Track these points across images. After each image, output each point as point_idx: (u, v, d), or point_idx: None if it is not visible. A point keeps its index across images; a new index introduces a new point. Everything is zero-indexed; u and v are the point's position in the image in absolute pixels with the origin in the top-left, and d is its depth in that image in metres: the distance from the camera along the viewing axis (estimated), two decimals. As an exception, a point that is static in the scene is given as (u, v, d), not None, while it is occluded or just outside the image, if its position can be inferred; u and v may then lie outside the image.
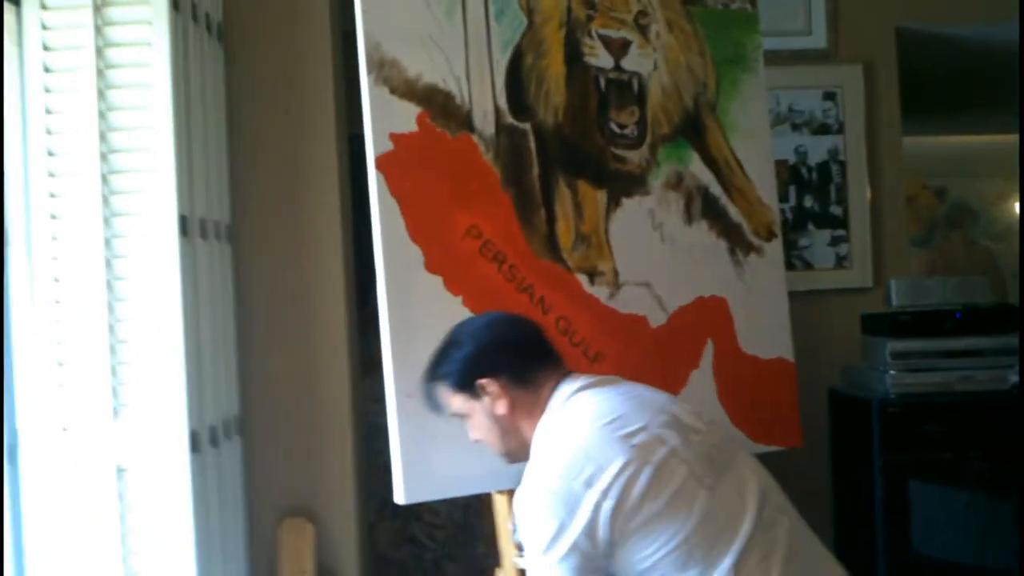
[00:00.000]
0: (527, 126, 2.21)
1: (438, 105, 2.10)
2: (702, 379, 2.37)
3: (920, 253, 7.43)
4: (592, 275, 2.25)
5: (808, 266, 3.41)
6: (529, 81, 2.23)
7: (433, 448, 1.98)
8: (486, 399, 1.79)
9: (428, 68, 2.10)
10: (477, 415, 1.81)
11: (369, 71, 2.03)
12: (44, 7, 2.34)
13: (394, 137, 2.04)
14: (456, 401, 1.83)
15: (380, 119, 2.03)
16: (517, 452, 1.80)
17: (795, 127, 3.40)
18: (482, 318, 1.97)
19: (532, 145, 2.21)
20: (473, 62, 2.16)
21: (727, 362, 2.41)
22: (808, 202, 3.40)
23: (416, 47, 2.09)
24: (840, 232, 3.41)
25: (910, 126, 6.06)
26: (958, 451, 2.82)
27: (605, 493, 1.56)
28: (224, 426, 2.50)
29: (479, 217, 2.12)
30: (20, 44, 2.35)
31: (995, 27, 3.51)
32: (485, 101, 2.16)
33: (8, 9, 2.36)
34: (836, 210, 3.41)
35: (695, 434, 1.69)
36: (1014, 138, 6.88)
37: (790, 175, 3.40)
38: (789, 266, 3.34)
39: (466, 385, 1.79)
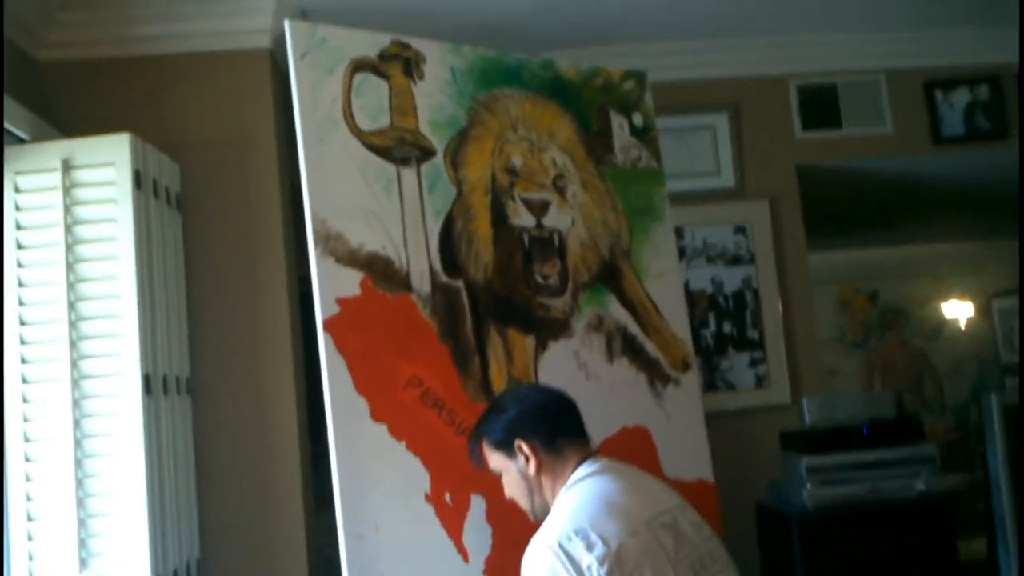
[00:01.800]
0: (460, 283, 2.47)
1: (379, 270, 2.35)
2: (629, 504, 2.57)
3: (858, 355, 7.80)
4: (524, 414, 2.47)
5: (731, 387, 3.67)
6: (460, 243, 2.49)
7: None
8: (520, 458, 2.00)
9: (369, 238, 2.36)
10: (511, 472, 2.04)
11: (316, 245, 2.28)
12: (17, 190, 2.58)
13: (340, 301, 2.28)
14: (494, 458, 2.06)
15: (327, 285, 2.27)
16: (540, 511, 2.01)
17: (710, 259, 3.71)
18: (527, 388, 2.29)
19: (465, 300, 2.46)
20: (409, 230, 2.42)
21: (652, 487, 2.62)
22: (727, 327, 3.69)
23: (358, 220, 2.35)
24: (758, 354, 3.69)
25: (836, 242, 6.49)
26: (874, 556, 3.03)
27: (600, 560, 1.75)
28: (187, 569, 2.66)
29: (419, 368, 2.35)
30: (-7, 222, 2.58)
31: (884, 160, 3.90)
32: (421, 264, 2.42)
33: (-17, 191, 2.60)
34: (753, 334, 3.69)
35: (687, 543, 1.89)
36: (933, 247, 7.34)
37: (708, 303, 3.69)
38: (713, 387, 3.64)
39: (504, 444, 2.02)
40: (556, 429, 2.03)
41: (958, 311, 7.74)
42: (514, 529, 2.09)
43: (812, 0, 3.46)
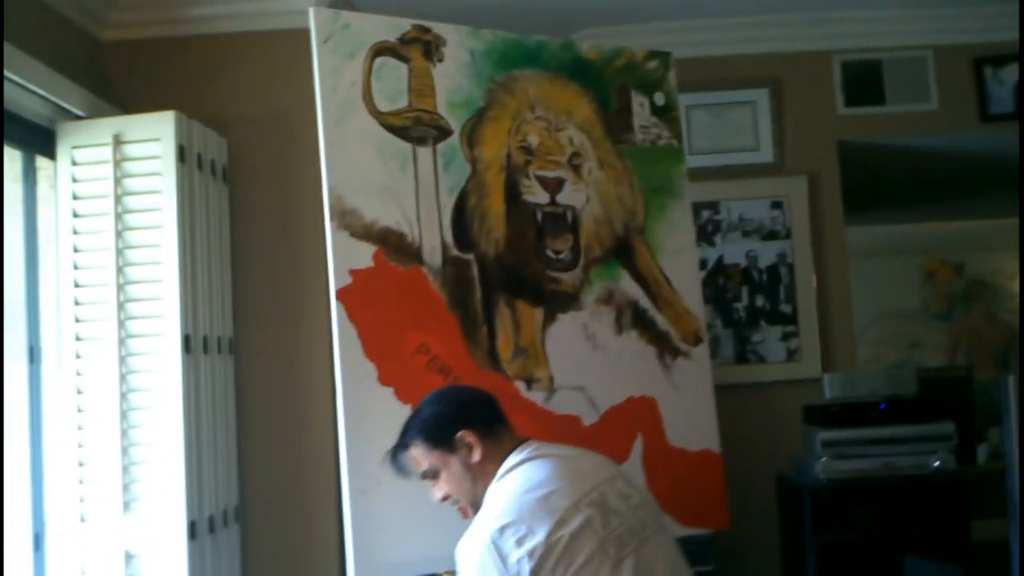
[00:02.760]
0: (471, 257, 2.61)
1: (392, 244, 2.51)
2: (632, 470, 2.67)
3: (943, 327, 7.68)
4: (529, 382, 2.62)
5: (761, 360, 3.74)
6: (473, 219, 2.63)
7: (384, 538, 2.34)
8: (463, 451, 2.03)
9: (383, 213, 2.51)
10: (451, 467, 2.04)
11: (332, 219, 2.45)
12: (74, 163, 2.81)
13: (353, 272, 2.45)
14: (431, 458, 2.06)
15: (341, 258, 2.44)
16: (482, 500, 2.02)
17: (745, 234, 3.77)
18: (445, 389, 2.28)
19: (475, 272, 2.61)
20: (423, 206, 2.57)
21: (656, 454, 2.74)
22: (760, 301, 3.75)
23: (373, 196, 2.51)
24: (790, 328, 3.74)
25: (912, 214, 6.41)
26: (885, 532, 3.10)
27: (530, 554, 1.84)
28: (223, 515, 2.89)
29: (428, 336, 2.51)
30: (55, 192, 2.82)
31: (924, 137, 3.89)
32: (433, 238, 2.57)
33: (47, 163, 2.84)
34: (786, 308, 3.75)
35: (616, 516, 1.97)
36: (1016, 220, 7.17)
37: (742, 277, 3.76)
38: (743, 360, 3.72)
39: (442, 440, 2.04)
40: (491, 416, 2.10)
41: (1048, 285, 7.52)
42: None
43: (857, -25, 3.47)
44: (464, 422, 2.05)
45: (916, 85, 3.83)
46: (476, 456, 2.03)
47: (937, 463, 3.13)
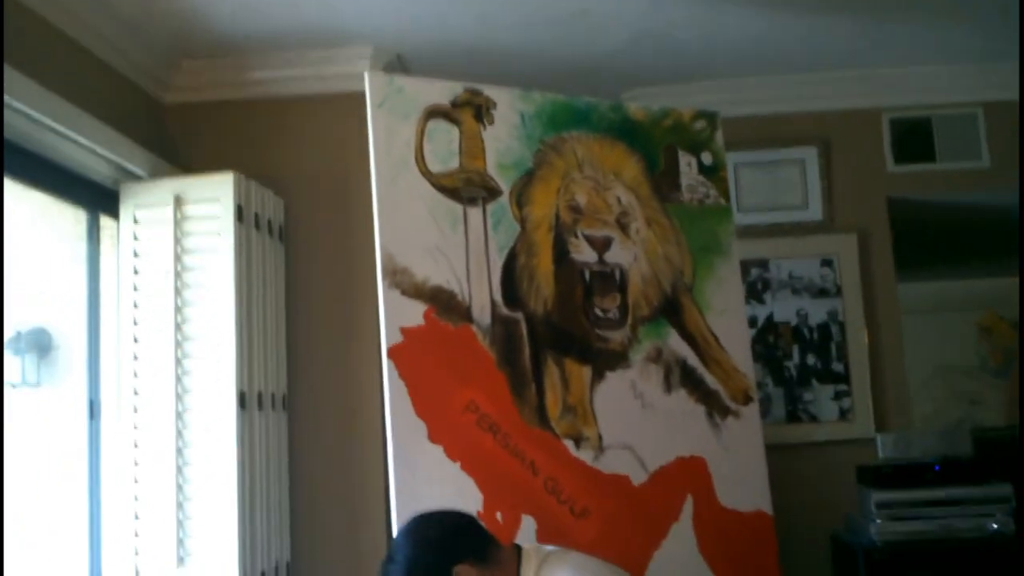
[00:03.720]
0: (519, 315, 2.64)
1: (442, 302, 2.55)
2: (682, 531, 2.68)
3: (1001, 384, 7.54)
4: (578, 440, 2.63)
5: (813, 419, 3.70)
6: (522, 277, 2.67)
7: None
8: None
9: (434, 272, 2.56)
10: None
11: (384, 278, 2.50)
12: (136, 222, 2.90)
13: (404, 330, 2.49)
14: None
15: (392, 316, 2.48)
16: None
17: (795, 291, 3.76)
18: (414, 523, 2.02)
19: (524, 331, 2.63)
20: (473, 265, 2.61)
21: (706, 515, 2.72)
22: (811, 359, 3.73)
23: (424, 256, 2.56)
24: (842, 387, 3.71)
25: (967, 270, 6.35)
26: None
27: None
28: (275, 570, 2.91)
29: (477, 394, 2.53)
30: (117, 250, 2.91)
31: (975, 194, 3.87)
32: (483, 296, 2.60)
33: (110, 222, 2.94)
34: (837, 366, 3.72)
35: None
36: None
37: (792, 336, 3.74)
38: (795, 419, 3.68)
39: None
40: (482, 539, 1.98)
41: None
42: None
43: (905, 34, 3.47)
44: (456, 557, 1.90)
45: (966, 142, 3.82)
46: None
47: (995, 526, 3.07)
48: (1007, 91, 3.80)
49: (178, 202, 2.89)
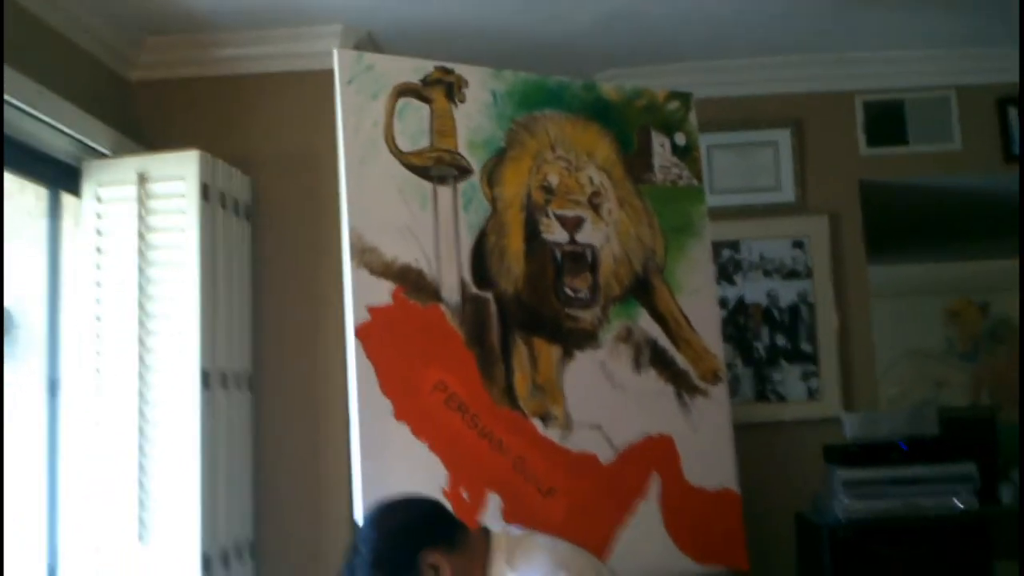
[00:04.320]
0: (489, 295, 2.62)
1: (411, 282, 2.53)
2: (649, 508, 2.69)
3: (967, 368, 7.62)
4: (546, 419, 2.62)
5: (782, 399, 3.72)
6: (492, 257, 2.65)
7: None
8: (430, 573, 1.87)
9: (403, 251, 2.54)
10: None
11: (352, 257, 2.47)
12: (99, 200, 2.86)
13: (371, 309, 2.47)
14: None
15: (360, 295, 2.46)
16: None
17: (767, 273, 3.76)
18: (376, 512, 2.00)
19: (493, 310, 2.62)
20: (443, 244, 2.59)
21: (673, 493, 2.73)
22: (780, 340, 3.74)
23: (393, 235, 2.53)
24: (811, 367, 3.72)
25: (939, 254, 6.38)
26: (906, 573, 3.06)
27: None
28: (237, 548, 2.89)
29: (445, 373, 2.52)
30: (79, 229, 2.87)
31: (946, 177, 3.89)
32: (452, 276, 2.58)
33: (73, 200, 2.89)
34: (807, 347, 3.73)
35: None
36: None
37: (763, 316, 3.75)
38: (764, 399, 3.70)
39: (407, 569, 1.87)
40: (449, 524, 1.98)
41: (1079, 329, 7.45)
42: (528, 527, 2.22)
43: (879, 18, 3.47)
44: (425, 544, 1.89)
45: (939, 125, 3.83)
46: (446, 575, 1.88)
47: (959, 504, 3.10)
48: (980, 75, 3.83)
49: (142, 180, 2.85)
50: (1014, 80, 3.81)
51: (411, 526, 1.93)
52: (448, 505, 2.10)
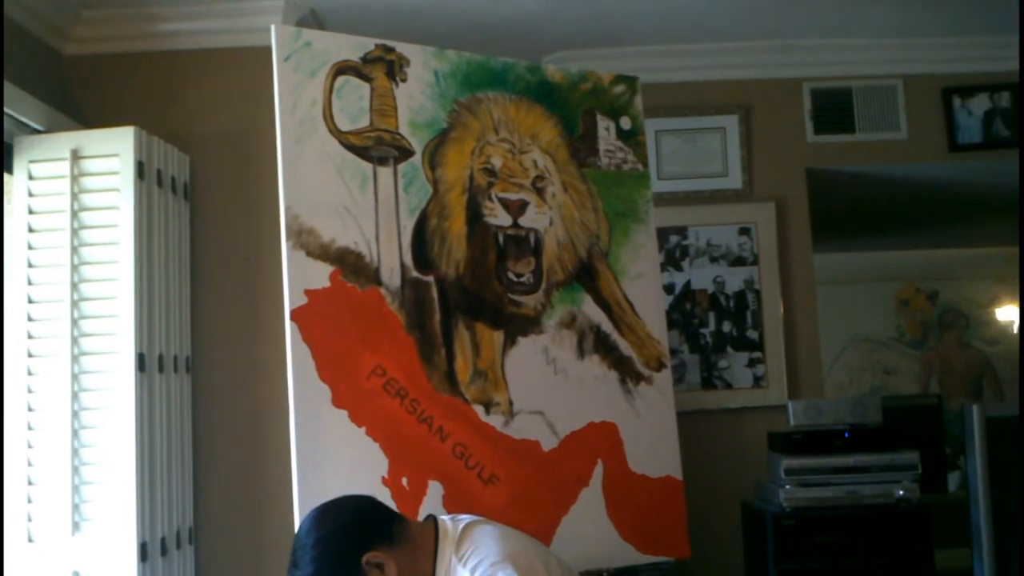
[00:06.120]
0: (430, 278, 2.58)
1: (349, 264, 2.48)
2: (591, 496, 2.67)
3: (916, 355, 7.70)
4: (488, 405, 2.58)
5: (728, 386, 3.72)
6: (433, 240, 2.60)
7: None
8: (375, 572, 1.84)
9: (341, 233, 2.48)
10: None
11: (288, 238, 2.42)
12: (31, 177, 2.77)
13: (308, 292, 2.41)
14: None
15: (296, 278, 2.41)
16: None
17: (713, 259, 3.76)
18: (307, 522, 1.92)
19: (435, 295, 2.58)
20: (382, 226, 2.54)
21: (616, 480, 2.71)
22: (727, 327, 3.74)
23: (331, 216, 2.48)
24: (757, 354, 3.73)
25: (888, 241, 6.44)
26: (848, 561, 3.08)
27: None
28: (176, 536, 2.83)
29: (384, 358, 2.47)
30: (10, 206, 2.78)
31: (897, 166, 3.91)
32: (392, 259, 2.54)
33: (5, 179, 2.80)
34: (752, 334, 3.74)
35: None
36: (999, 249, 7.22)
37: (709, 303, 3.74)
38: (710, 386, 3.70)
39: (351, 573, 1.83)
40: (387, 519, 1.94)
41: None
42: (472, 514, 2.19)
43: (827, 6, 3.47)
44: (363, 544, 1.85)
45: (885, 114, 3.85)
46: (391, 571, 1.85)
47: (901, 492, 3.12)
48: (926, 65, 3.85)
49: (75, 157, 2.77)
50: (960, 70, 3.86)
51: (346, 529, 1.88)
52: (377, 499, 2.03)
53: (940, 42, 3.81)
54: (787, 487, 3.13)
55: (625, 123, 2.97)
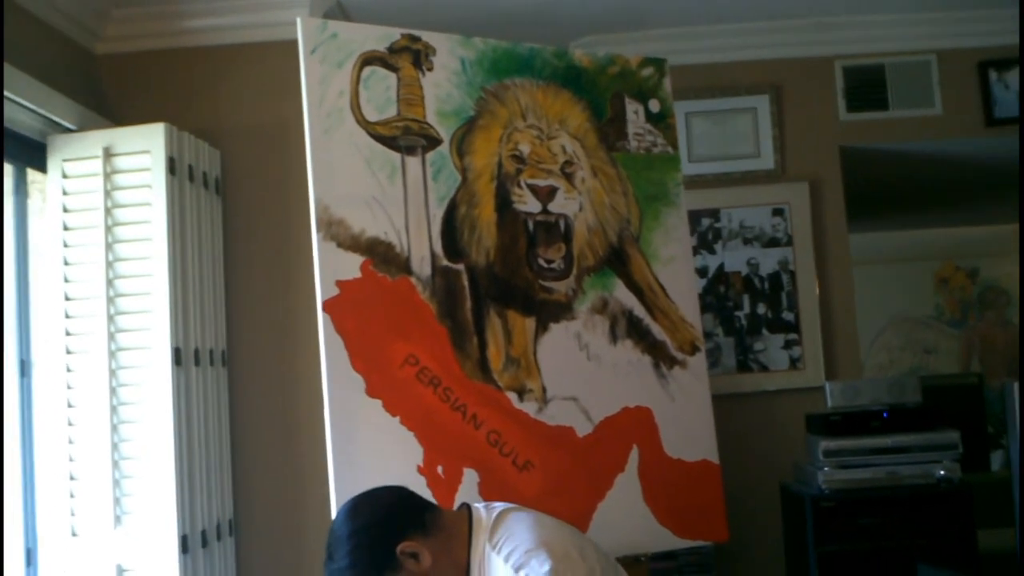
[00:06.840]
0: (461, 266, 2.58)
1: (379, 254, 2.48)
2: (627, 481, 2.66)
3: (956, 334, 7.61)
4: (521, 392, 2.58)
5: (763, 368, 3.69)
6: (463, 228, 2.60)
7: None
8: (410, 562, 1.84)
9: (371, 223, 2.49)
10: None
11: (318, 230, 2.43)
12: (64, 175, 2.80)
13: (340, 283, 2.42)
14: None
15: (327, 269, 2.42)
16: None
17: (746, 241, 3.73)
18: (340, 516, 1.94)
19: (465, 282, 2.58)
20: (412, 216, 2.54)
21: (652, 466, 2.70)
22: (761, 309, 3.71)
23: (361, 207, 2.48)
24: (793, 336, 3.70)
25: (928, 219, 6.35)
26: (889, 543, 3.05)
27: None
28: (216, 528, 2.86)
29: (416, 347, 2.47)
30: (45, 205, 2.81)
31: (928, 142, 3.85)
32: (422, 248, 2.54)
33: (39, 176, 2.84)
34: (788, 316, 3.70)
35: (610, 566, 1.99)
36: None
37: (743, 285, 3.71)
38: (745, 368, 3.67)
39: (386, 563, 1.83)
40: (420, 509, 1.93)
41: (1065, 292, 7.43)
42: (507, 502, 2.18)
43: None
44: (397, 534, 1.84)
45: (920, 90, 3.80)
46: (426, 561, 1.84)
47: (941, 472, 3.08)
48: (960, 39, 3.79)
49: (107, 154, 2.79)
50: (995, 43, 3.78)
51: (380, 520, 1.88)
52: (410, 488, 2.01)
53: (974, 15, 3.75)
54: (826, 469, 3.10)
55: (654, 106, 2.95)
